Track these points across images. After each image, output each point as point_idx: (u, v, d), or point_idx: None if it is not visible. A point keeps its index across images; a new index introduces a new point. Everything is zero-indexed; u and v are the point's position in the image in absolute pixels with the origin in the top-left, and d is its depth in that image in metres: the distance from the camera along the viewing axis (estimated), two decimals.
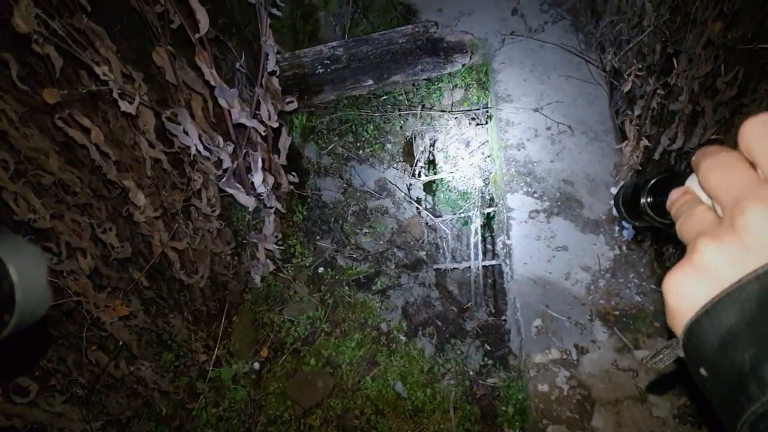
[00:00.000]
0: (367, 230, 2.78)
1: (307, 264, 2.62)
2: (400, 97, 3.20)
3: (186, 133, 1.67)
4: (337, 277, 2.59)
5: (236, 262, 2.36)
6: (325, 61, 2.98)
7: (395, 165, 3.04)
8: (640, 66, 1.98)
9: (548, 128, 2.70)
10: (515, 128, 2.74)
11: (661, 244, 2.24)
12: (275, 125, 1.90)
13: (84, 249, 1.77)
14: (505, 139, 2.71)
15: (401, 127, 3.16)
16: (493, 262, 2.74)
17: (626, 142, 1.94)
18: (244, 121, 1.76)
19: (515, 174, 2.60)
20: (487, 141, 3.08)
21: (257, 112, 1.81)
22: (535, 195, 2.52)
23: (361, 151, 3.05)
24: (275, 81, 1.78)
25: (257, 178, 1.91)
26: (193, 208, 1.91)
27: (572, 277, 2.32)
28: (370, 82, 3.06)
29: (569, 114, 2.74)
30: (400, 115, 3.15)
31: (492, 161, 2.99)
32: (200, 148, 1.72)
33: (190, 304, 2.21)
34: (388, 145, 3.13)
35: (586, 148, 2.63)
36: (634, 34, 2.17)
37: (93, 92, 1.54)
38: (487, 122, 3.11)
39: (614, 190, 2.11)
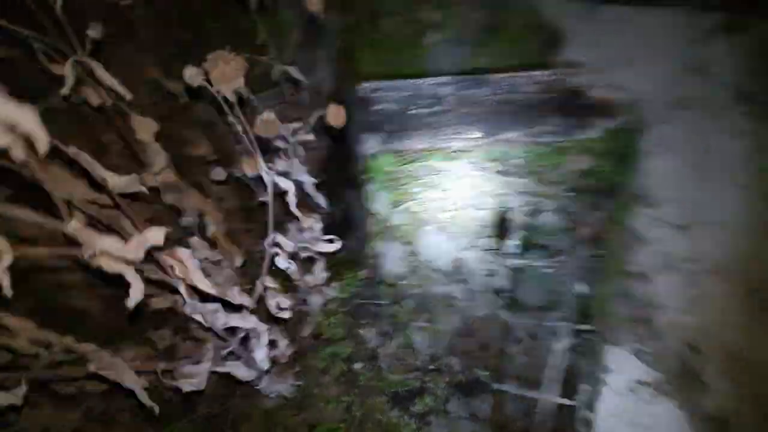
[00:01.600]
0: (424, 323, 2.34)
1: (344, 356, 2.27)
2: None
3: None
4: (373, 382, 2.22)
5: None
6: (427, 100, 2.42)
7: (479, 241, 2.51)
8: None
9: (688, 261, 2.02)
10: (643, 247, 2.09)
11: None
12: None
13: None
14: (626, 259, 2.08)
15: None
16: (571, 403, 2.22)
17: None
18: None
19: (626, 317, 1.99)
20: (606, 237, 2.42)
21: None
22: (646, 358, 1.93)
23: (440, 215, 2.53)
24: None
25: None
26: None
27: None
28: (477, 135, 2.46)
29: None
30: None
31: (603, 268, 2.35)
32: None
33: None
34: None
35: (737, 303, 1.94)
36: None
37: None
38: (610, 211, 2.43)
39: None
